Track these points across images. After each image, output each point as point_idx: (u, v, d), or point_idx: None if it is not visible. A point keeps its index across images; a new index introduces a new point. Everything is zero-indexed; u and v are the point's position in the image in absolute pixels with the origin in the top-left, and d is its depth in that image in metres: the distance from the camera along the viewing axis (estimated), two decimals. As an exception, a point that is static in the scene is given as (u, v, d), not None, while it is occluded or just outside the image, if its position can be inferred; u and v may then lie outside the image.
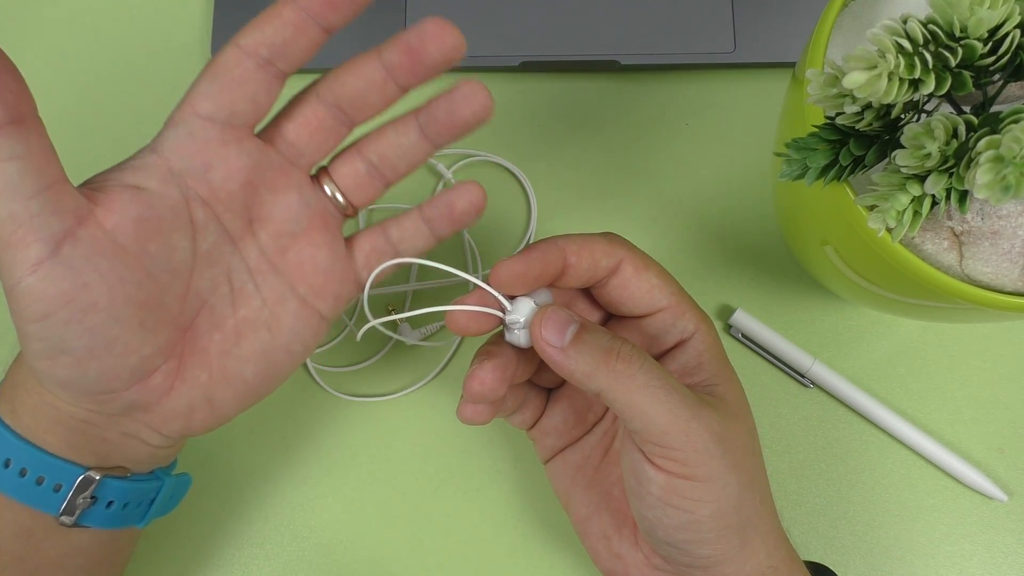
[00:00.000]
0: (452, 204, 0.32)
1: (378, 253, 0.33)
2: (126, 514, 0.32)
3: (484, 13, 0.45)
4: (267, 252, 0.31)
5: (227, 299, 0.31)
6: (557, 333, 0.29)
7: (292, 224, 0.31)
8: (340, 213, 0.32)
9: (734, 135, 0.45)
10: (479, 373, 0.30)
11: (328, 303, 0.32)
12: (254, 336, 0.31)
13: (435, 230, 0.33)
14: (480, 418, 0.32)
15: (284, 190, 0.31)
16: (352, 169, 0.32)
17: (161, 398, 0.30)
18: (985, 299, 0.28)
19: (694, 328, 0.32)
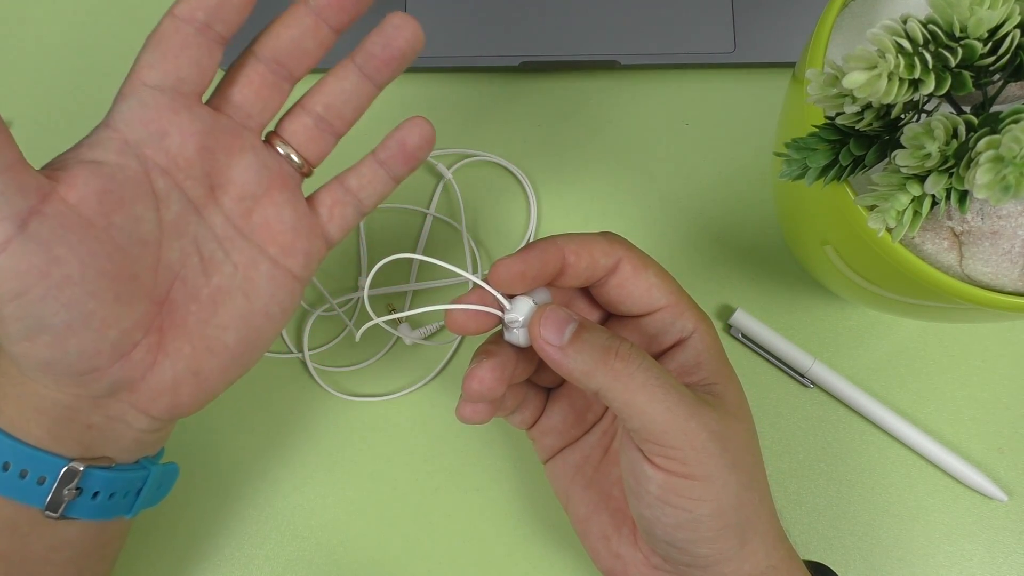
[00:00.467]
0: (403, 141, 0.33)
1: (340, 205, 0.33)
2: (113, 505, 0.32)
3: (484, 13, 0.45)
4: (232, 217, 0.31)
5: (198, 269, 0.31)
6: (556, 332, 0.29)
7: (252, 186, 0.32)
8: (298, 172, 0.33)
9: (734, 135, 0.45)
10: (478, 372, 0.30)
11: (299, 261, 0.32)
12: (231, 303, 0.31)
13: (391, 171, 0.33)
14: (479, 417, 0.32)
15: (240, 152, 0.31)
16: (300, 125, 0.32)
17: (145, 374, 0.30)
18: (985, 299, 0.28)
19: (693, 327, 0.32)
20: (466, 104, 0.46)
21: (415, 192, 0.45)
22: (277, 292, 0.32)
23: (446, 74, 0.46)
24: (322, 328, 0.44)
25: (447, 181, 0.45)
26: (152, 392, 0.31)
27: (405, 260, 0.44)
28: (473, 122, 0.46)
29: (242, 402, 0.43)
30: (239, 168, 0.31)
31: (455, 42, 0.45)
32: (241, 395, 0.43)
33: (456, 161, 0.45)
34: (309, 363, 0.43)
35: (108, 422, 0.31)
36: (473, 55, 0.45)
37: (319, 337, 0.44)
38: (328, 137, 0.33)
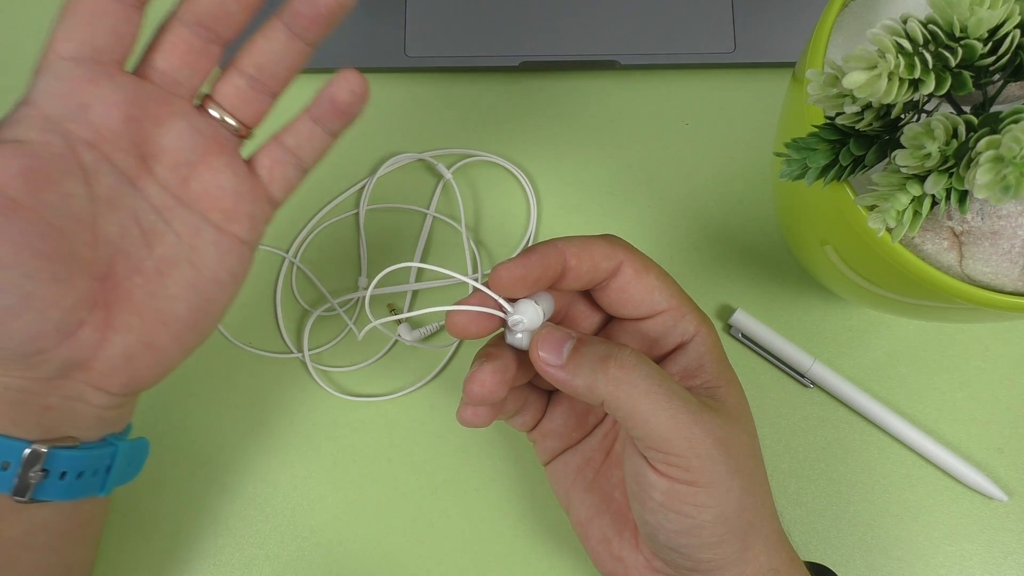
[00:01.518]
0: (334, 97, 0.32)
1: (280, 165, 0.33)
2: (83, 484, 0.31)
3: (484, 13, 0.45)
4: (169, 187, 0.31)
5: (140, 241, 0.31)
6: (554, 352, 0.29)
7: (186, 153, 0.31)
8: (235, 136, 0.32)
9: (734, 135, 0.45)
10: (479, 375, 0.30)
11: (244, 225, 0.32)
12: (177, 273, 0.31)
13: (326, 127, 0.33)
14: (480, 420, 0.32)
15: (169, 120, 0.31)
16: (232, 87, 0.32)
17: (96, 351, 0.30)
18: (985, 299, 0.28)
19: (694, 330, 0.32)
20: (466, 104, 0.46)
21: (415, 192, 0.45)
22: (224, 258, 0.32)
23: (446, 74, 0.46)
24: (322, 328, 0.44)
25: (447, 181, 0.45)
26: (106, 368, 0.31)
27: (405, 259, 0.44)
28: (473, 122, 0.46)
29: (242, 402, 0.43)
30: (170, 136, 0.31)
31: (455, 42, 0.45)
32: (241, 395, 0.43)
33: (456, 161, 0.45)
34: (309, 363, 0.43)
35: (65, 402, 0.31)
36: (473, 55, 0.45)
37: (319, 337, 0.44)
38: (263, 97, 0.32)
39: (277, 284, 0.44)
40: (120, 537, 0.42)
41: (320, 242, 0.45)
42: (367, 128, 0.46)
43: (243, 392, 0.43)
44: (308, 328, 0.43)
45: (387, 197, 0.45)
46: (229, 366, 0.44)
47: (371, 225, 0.45)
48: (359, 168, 0.46)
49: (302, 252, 0.45)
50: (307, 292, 0.44)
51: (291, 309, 0.44)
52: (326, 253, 0.45)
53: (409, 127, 0.46)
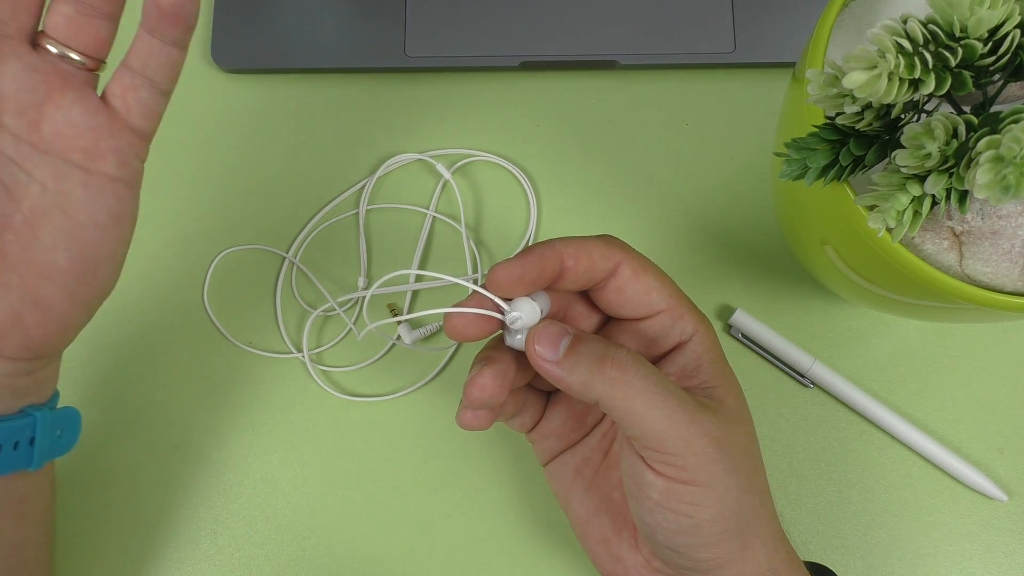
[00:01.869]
0: (157, 2, 0.29)
1: (132, 90, 0.30)
2: (5, 457, 0.31)
3: (484, 13, 0.45)
4: (20, 134, 0.29)
5: (3, 197, 0.29)
6: (551, 347, 0.29)
7: (29, 94, 0.29)
8: (84, 70, 0.30)
9: (734, 135, 0.45)
10: (479, 379, 0.30)
11: (110, 161, 0.30)
12: (49, 223, 0.30)
13: (165, 37, 0.30)
14: (480, 424, 0.31)
15: (4, 60, 0.29)
16: (60, 17, 0.29)
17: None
18: (985, 299, 0.28)
19: (693, 330, 0.32)
20: (466, 104, 0.46)
21: (415, 192, 0.45)
22: (98, 199, 0.30)
23: (446, 74, 0.46)
24: (322, 328, 0.44)
25: (447, 181, 0.45)
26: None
27: (405, 259, 0.44)
28: (473, 122, 0.46)
29: (242, 402, 0.43)
30: (7, 79, 0.29)
31: (455, 42, 0.45)
32: (241, 395, 0.43)
33: (456, 161, 0.45)
34: (309, 363, 0.43)
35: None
36: (473, 55, 0.45)
37: (319, 337, 0.44)
38: (97, 21, 0.30)
39: (277, 284, 0.44)
40: (120, 537, 0.42)
41: (320, 242, 0.45)
42: (367, 128, 0.46)
43: (243, 392, 0.43)
44: (308, 328, 0.43)
45: (387, 197, 0.45)
46: (229, 366, 0.44)
47: (371, 225, 0.45)
48: (359, 168, 0.46)
49: (302, 252, 0.45)
50: (307, 292, 0.45)
51: (291, 309, 0.44)
52: (326, 253, 0.45)
53: (409, 127, 0.46)
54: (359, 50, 0.46)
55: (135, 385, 0.44)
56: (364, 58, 0.45)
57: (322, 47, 0.46)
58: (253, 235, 0.45)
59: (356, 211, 0.45)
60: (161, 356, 0.44)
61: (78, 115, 0.29)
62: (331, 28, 0.46)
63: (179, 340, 0.44)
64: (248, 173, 0.46)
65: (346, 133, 0.46)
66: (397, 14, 0.46)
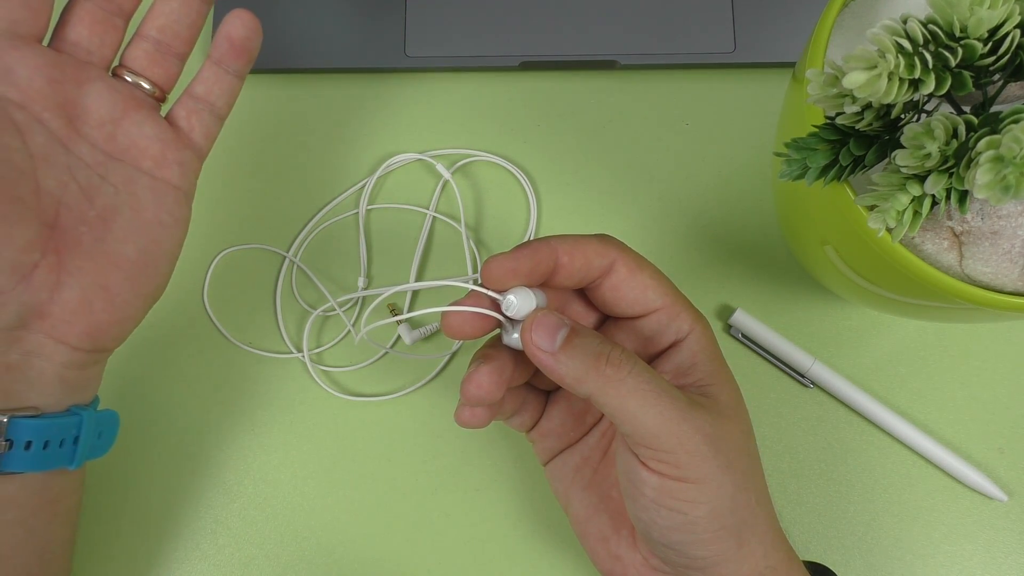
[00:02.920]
0: (229, 36, 0.34)
1: (196, 113, 0.35)
2: (50, 455, 0.32)
3: (484, 13, 0.45)
4: (98, 144, 0.33)
5: (79, 195, 0.32)
6: (547, 338, 0.29)
7: (109, 111, 0.33)
8: (152, 99, 0.34)
9: (734, 135, 0.45)
10: (476, 377, 0.30)
11: (174, 171, 0.34)
12: (120, 218, 0.33)
13: (230, 69, 0.35)
14: (478, 422, 0.32)
15: (89, 82, 0.33)
16: (140, 51, 0.34)
17: (52, 294, 0.31)
18: (985, 299, 0.28)
19: (689, 328, 0.32)
20: (466, 104, 0.46)
21: (415, 192, 0.45)
22: (163, 201, 0.34)
23: (446, 74, 0.46)
24: (322, 328, 0.44)
25: (447, 181, 0.45)
26: (64, 315, 0.32)
27: (405, 259, 0.44)
28: (473, 122, 0.46)
29: (242, 402, 0.43)
30: (91, 96, 0.32)
31: (455, 42, 0.45)
32: (241, 395, 0.43)
33: (456, 161, 0.45)
34: (309, 363, 0.43)
35: (26, 359, 0.31)
36: (473, 55, 0.45)
37: (319, 337, 0.44)
38: (170, 59, 0.34)
39: (277, 284, 0.44)
40: (120, 537, 0.42)
41: (320, 242, 0.45)
42: (367, 128, 0.46)
43: (243, 392, 0.43)
44: (308, 328, 0.43)
45: (387, 197, 0.45)
46: (229, 366, 0.44)
47: (371, 225, 0.45)
48: (359, 168, 0.46)
49: (302, 252, 0.45)
50: (307, 292, 0.45)
51: (291, 309, 0.44)
52: (326, 253, 0.45)
53: (409, 127, 0.46)
54: (359, 50, 0.46)
55: (135, 385, 0.44)
56: (364, 58, 0.45)
57: (322, 47, 0.46)
58: (253, 235, 0.45)
59: (356, 211, 0.45)
60: (161, 356, 0.44)
61: (149, 130, 0.33)
62: (331, 28, 0.46)
63: (179, 340, 0.44)
64: (248, 173, 0.46)
65: (346, 133, 0.46)
66: (397, 14, 0.46)
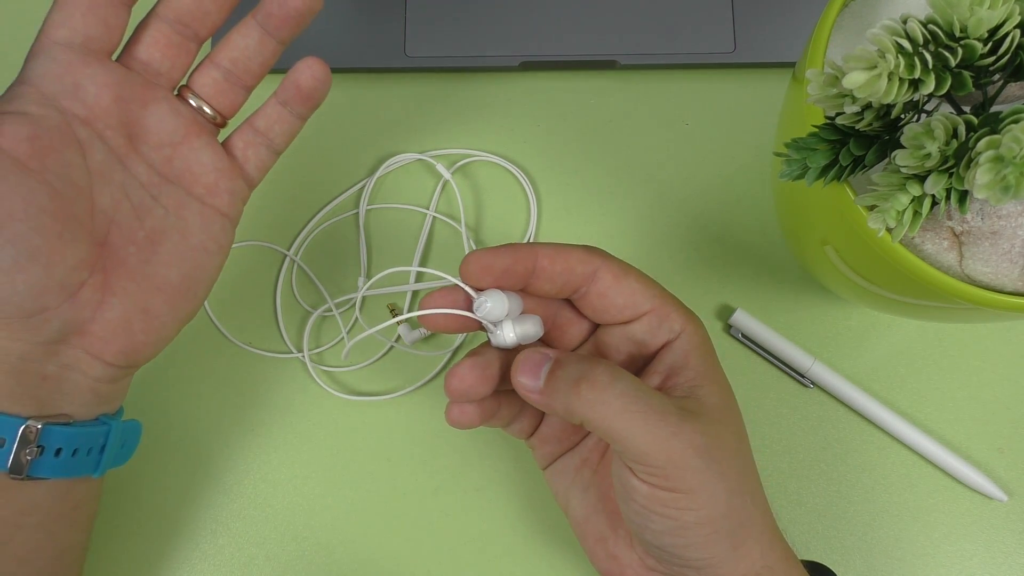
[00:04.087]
0: (297, 82, 0.34)
1: (253, 146, 0.35)
2: (77, 462, 0.32)
3: (484, 13, 0.45)
4: (155, 165, 0.33)
5: (131, 214, 0.33)
6: (532, 376, 0.29)
7: (169, 134, 0.33)
8: (211, 124, 0.35)
9: (734, 135, 0.45)
10: (458, 371, 0.31)
11: (225, 200, 0.34)
12: (168, 242, 0.33)
13: (294, 110, 0.35)
14: (467, 420, 0.32)
15: (153, 103, 0.33)
16: (209, 79, 0.34)
17: (95, 313, 0.32)
18: (985, 299, 0.28)
19: (680, 328, 0.32)
20: (466, 104, 0.46)
21: (415, 192, 0.45)
22: (210, 228, 0.34)
23: (446, 74, 0.46)
24: (322, 328, 0.44)
25: (447, 181, 0.45)
26: (104, 333, 0.32)
27: (405, 259, 0.44)
28: (473, 122, 0.46)
29: (242, 402, 0.43)
30: (154, 117, 0.33)
31: (455, 42, 0.45)
32: (241, 395, 0.43)
33: (456, 161, 0.45)
34: (309, 363, 0.43)
35: (62, 371, 0.31)
36: (473, 55, 0.45)
37: (319, 337, 0.44)
38: (237, 90, 0.35)
39: (277, 283, 0.44)
40: (120, 537, 0.42)
41: (320, 242, 0.45)
42: (367, 128, 0.46)
43: (243, 392, 0.43)
44: (308, 328, 0.43)
45: (387, 197, 0.45)
46: (229, 366, 0.44)
47: (371, 225, 0.45)
48: (359, 168, 0.46)
49: (303, 252, 0.45)
50: (307, 292, 0.45)
51: (291, 309, 0.44)
52: (326, 253, 0.45)
53: (409, 127, 0.46)
54: (359, 50, 0.46)
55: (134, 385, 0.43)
56: (364, 58, 0.45)
57: (322, 47, 0.46)
58: (253, 235, 0.45)
59: (356, 211, 0.45)
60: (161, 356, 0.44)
61: (207, 157, 0.34)
62: (331, 28, 0.46)
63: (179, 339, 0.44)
64: (248, 173, 0.46)
65: (346, 133, 0.46)
66: (397, 14, 0.46)
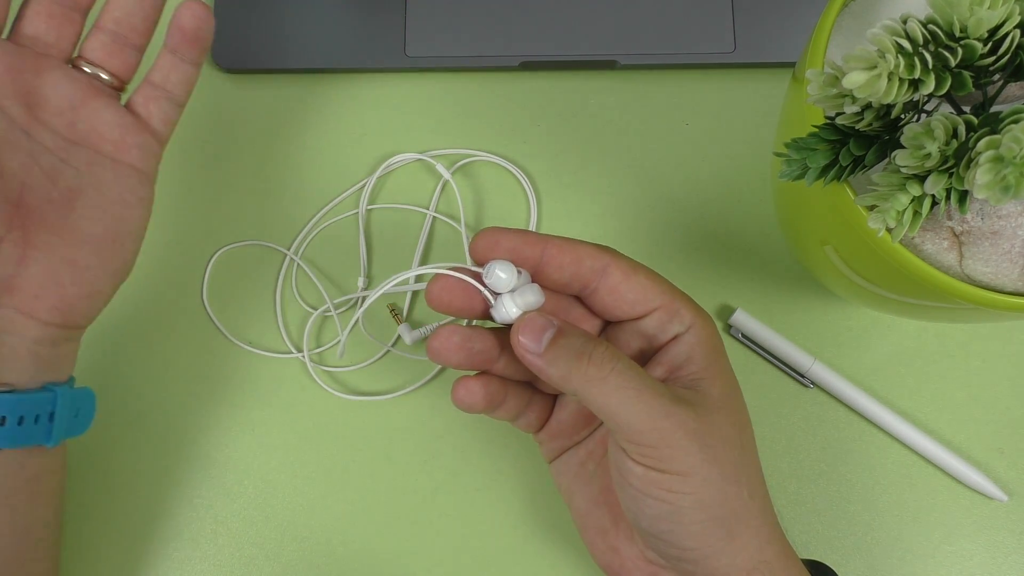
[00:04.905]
0: (181, 26, 0.35)
1: (154, 100, 0.35)
2: (25, 431, 0.32)
3: (484, 13, 0.45)
4: (58, 130, 0.34)
5: (42, 178, 0.33)
6: (534, 339, 0.29)
7: (67, 99, 0.34)
8: (110, 88, 0.35)
9: (734, 135, 0.45)
10: (442, 330, 0.31)
11: (134, 154, 0.35)
12: (85, 197, 0.34)
13: (185, 56, 0.35)
14: (471, 398, 0.32)
15: (47, 71, 0.33)
16: (98, 43, 0.35)
17: (18, 268, 0.32)
18: (985, 299, 0.28)
19: (689, 323, 0.32)
20: (466, 104, 0.46)
21: (415, 192, 0.45)
22: (125, 182, 0.35)
23: (446, 74, 0.46)
24: (322, 328, 0.44)
25: (447, 181, 0.45)
26: (32, 288, 0.32)
27: (405, 259, 0.44)
28: (473, 122, 0.46)
29: (242, 402, 0.43)
30: (50, 85, 0.33)
31: (455, 42, 0.45)
32: (241, 395, 0.43)
33: (456, 161, 0.45)
34: (309, 363, 0.43)
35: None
36: (473, 55, 0.45)
37: (319, 337, 0.44)
38: (128, 50, 0.35)
39: (277, 283, 0.44)
40: (120, 537, 0.42)
41: (320, 242, 0.45)
42: (367, 128, 0.46)
43: (243, 392, 0.43)
44: (308, 328, 0.43)
45: (387, 197, 0.45)
46: (229, 366, 0.44)
47: (371, 225, 0.45)
48: (359, 168, 0.46)
49: (303, 252, 0.45)
50: (308, 292, 0.44)
51: (292, 309, 0.44)
52: (326, 253, 0.45)
53: (409, 127, 0.46)
54: (359, 50, 0.46)
55: (135, 385, 0.44)
56: (364, 58, 0.45)
57: (322, 47, 0.46)
58: (253, 235, 0.45)
59: (356, 211, 0.45)
60: (161, 356, 0.44)
61: (109, 116, 0.34)
62: (331, 28, 0.46)
63: (179, 339, 0.44)
64: (248, 173, 0.46)
65: (346, 133, 0.46)
66: (397, 14, 0.46)
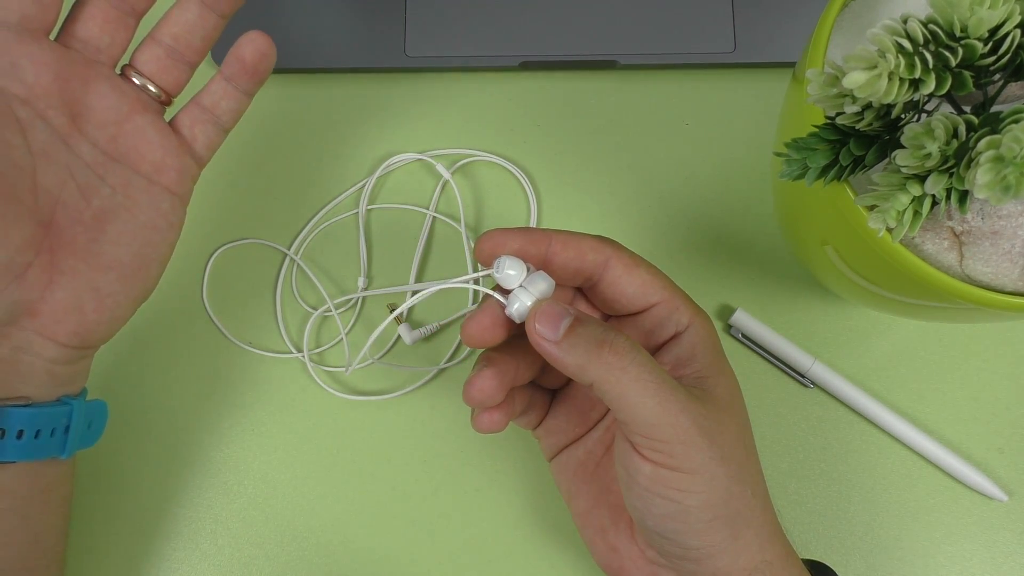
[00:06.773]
0: (241, 57, 0.34)
1: (200, 124, 0.35)
2: (41, 444, 0.32)
3: (484, 13, 0.45)
4: (99, 144, 0.33)
5: (76, 194, 0.32)
6: (551, 327, 0.29)
7: (113, 112, 0.33)
8: (157, 102, 0.34)
9: (734, 135, 0.45)
10: (478, 381, 0.30)
11: (172, 177, 0.34)
12: (116, 221, 0.33)
13: (239, 86, 0.35)
14: (496, 426, 0.32)
15: (95, 81, 0.32)
16: (151, 56, 0.34)
17: (43, 293, 0.31)
18: (985, 299, 0.28)
19: (688, 321, 0.32)
20: (466, 104, 0.46)
21: (415, 192, 0.45)
22: (158, 206, 0.34)
23: (446, 74, 0.46)
24: (322, 328, 0.44)
25: (447, 181, 0.45)
26: (55, 314, 0.32)
27: (405, 259, 0.44)
28: (473, 122, 0.46)
29: (242, 402, 0.43)
30: (96, 96, 0.32)
31: (455, 42, 0.45)
32: (241, 395, 0.43)
33: (456, 161, 0.45)
34: (309, 363, 0.43)
35: (15, 354, 0.31)
36: (473, 55, 0.45)
37: (319, 337, 0.44)
38: (181, 67, 0.34)
39: (277, 283, 0.44)
40: (120, 537, 0.42)
41: (320, 242, 0.45)
42: (367, 128, 0.46)
43: (243, 392, 0.43)
44: (308, 328, 0.43)
45: (387, 197, 0.45)
46: (229, 366, 0.44)
47: (371, 225, 0.45)
48: (359, 168, 0.46)
49: (303, 251, 0.45)
50: (308, 292, 0.44)
51: (292, 308, 0.44)
52: (326, 253, 0.45)
53: (409, 127, 0.46)
54: (359, 50, 0.46)
55: (134, 385, 0.44)
56: (364, 58, 0.45)
57: (322, 47, 0.46)
58: (253, 234, 0.45)
59: (356, 211, 0.45)
60: (161, 355, 0.44)
61: (152, 135, 0.33)
62: (331, 28, 0.46)
63: (178, 339, 0.44)
64: (248, 173, 0.46)
65: (346, 133, 0.46)
66: (397, 14, 0.46)
